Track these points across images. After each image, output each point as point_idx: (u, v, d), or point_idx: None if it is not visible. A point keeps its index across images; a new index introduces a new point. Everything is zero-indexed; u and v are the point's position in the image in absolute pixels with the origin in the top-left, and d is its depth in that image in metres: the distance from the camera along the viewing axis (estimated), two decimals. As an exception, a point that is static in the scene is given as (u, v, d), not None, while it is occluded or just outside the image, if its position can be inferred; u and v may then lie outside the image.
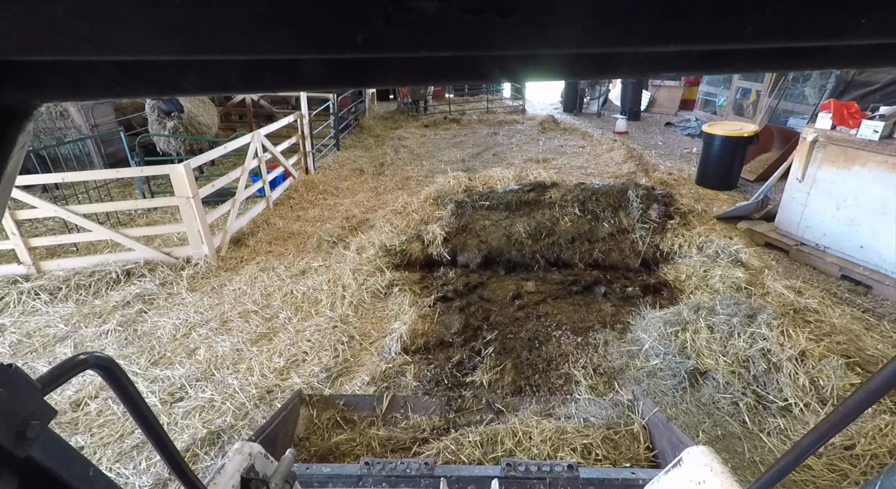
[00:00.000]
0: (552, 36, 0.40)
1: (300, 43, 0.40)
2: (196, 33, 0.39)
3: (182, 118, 7.11)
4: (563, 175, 7.21)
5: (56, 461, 0.67)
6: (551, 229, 5.03)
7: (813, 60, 0.52)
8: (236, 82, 0.55)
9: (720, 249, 4.49)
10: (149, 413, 0.85)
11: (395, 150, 9.30)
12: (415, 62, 0.53)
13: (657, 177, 7.16)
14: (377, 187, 7.38)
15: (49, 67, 0.52)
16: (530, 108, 14.06)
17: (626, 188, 5.21)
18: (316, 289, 4.68)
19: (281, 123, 7.20)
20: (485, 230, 5.12)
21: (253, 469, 1.45)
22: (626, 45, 0.42)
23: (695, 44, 0.42)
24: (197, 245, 5.03)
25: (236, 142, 5.91)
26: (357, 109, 12.08)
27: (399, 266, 4.97)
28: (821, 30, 0.40)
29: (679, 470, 1.54)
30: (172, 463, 0.94)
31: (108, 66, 0.52)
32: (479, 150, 9.09)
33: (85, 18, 0.38)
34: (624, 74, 0.58)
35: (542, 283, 4.69)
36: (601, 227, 4.98)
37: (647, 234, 4.86)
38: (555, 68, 0.53)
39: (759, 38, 0.40)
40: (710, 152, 7.27)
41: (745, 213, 6.05)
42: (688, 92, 13.38)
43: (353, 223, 6.10)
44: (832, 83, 8.20)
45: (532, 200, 5.28)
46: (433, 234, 5.10)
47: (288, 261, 5.26)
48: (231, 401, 3.31)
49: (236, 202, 5.70)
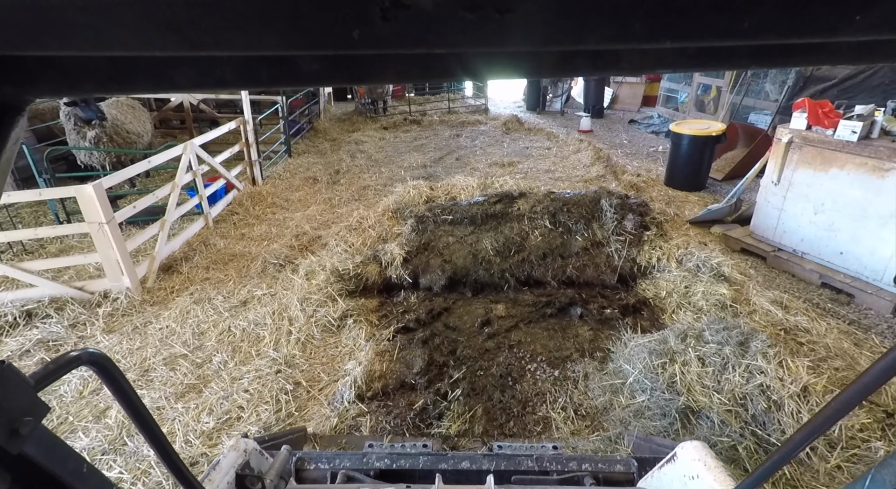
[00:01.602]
0: (549, 33, 0.41)
1: (296, 39, 0.40)
2: (192, 29, 0.39)
3: (105, 126, 6.29)
4: (531, 180, 6.82)
5: (50, 458, 0.67)
6: (521, 244, 4.61)
7: (808, 57, 0.53)
8: (232, 78, 0.54)
9: (701, 263, 4.18)
10: (144, 410, 0.84)
11: (351, 156, 8.69)
12: (411, 59, 0.53)
13: (627, 179, 6.88)
14: (331, 198, 6.79)
15: (42, 62, 0.51)
16: (493, 107, 13.69)
17: (598, 197, 4.84)
18: (258, 324, 4.09)
19: (220, 131, 6.50)
20: (449, 248, 4.64)
21: (248, 465, 1.46)
22: (623, 41, 0.41)
23: (691, 40, 0.41)
24: (116, 276, 4.33)
25: (163, 155, 5.20)
26: (311, 111, 11.36)
27: (354, 292, 4.43)
28: (816, 26, 0.40)
29: (673, 465, 1.52)
30: (167, 459, 0.94)
31: (103, 61, 0.52)
32: (442, 153, 8.59)
33: (79, 13, 0.37)
34: (621, 71, 0.56)
35: (514, 306, 4.27)
36: (574, 241, 4.60)
37: (623, 247, 4.51)
38: (551, 65, 0.53)
39: (755, 35, 0.40)
40: (678, 152, 7.06)
41: (719, 216, 5.83)
42: (649, 88, 13.33)
43: (303, 241, 5.51)
44: (792, 79, 8.16)
45: (499, 213, 4.85)
46: (392, 254, 4.59)
47: (227, 290, 4.63)
48: (144, 480, 2.71)
49: (166, 223, 5.01)
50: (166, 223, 5.01)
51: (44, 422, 0.65)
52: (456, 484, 1.66)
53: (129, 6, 0.37)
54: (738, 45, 0.49)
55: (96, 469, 0.77)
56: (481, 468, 1.80)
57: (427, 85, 15.56)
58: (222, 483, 1.35)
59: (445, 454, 1.88)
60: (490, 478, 1.57)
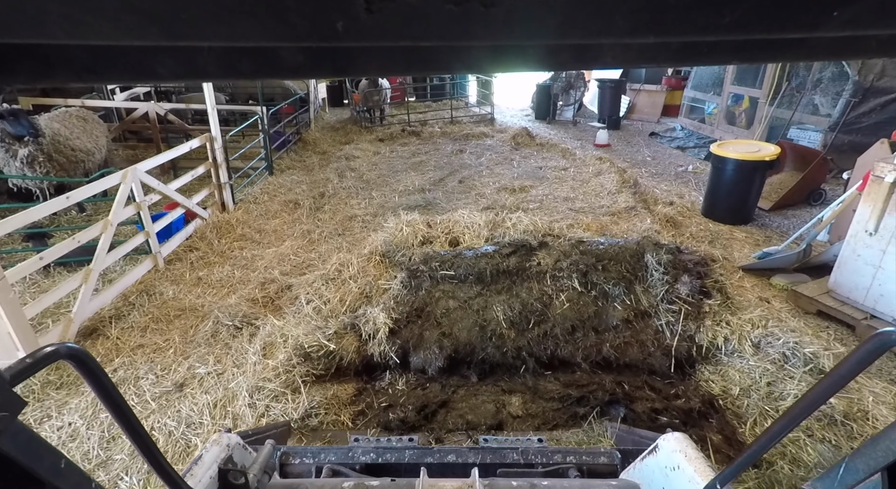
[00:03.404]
0: (533, 26, 0.41)
1: (280, 31, 0.39)
2: (172, 19, 0.37)
3: (41, 143, 5.28)
4: (547, 212, 5.76)
5: (25, 453, 0.66)
6: (542, 313, 3.55)
7: (788, 52, 0.55)
8: (214, 70, 0.53)
9: (788, 350, 3.10)
10: (123, 404, 0.85)
11: (340, 175, 7.63)
12: (396, 52, 0.52)
13: (661, 211, 5.81)
14: (312, 231, 5.73)
15: (17, 50, 0.49)
16: (499, 116, 12.62)
17: (642, 250, 3.78)
18: (191, 425, 3.04)
19: (179, 151, 5.47)
20: (449, 316, 3.59)
21: (231, 460, 1.46)
22: (606, 35, 0.42)
23: (674, 35, 0.42)
24: (9, 352, 3.29)
25: (95, 185, 4.16)
26: (300, 120, 10.32)
27: (324, 376, 3.38)
28: (796, 22, 0.41)
29: (654, 457, 1.55)
30: (148, 454, 0.94)
31: (81, 50, 0.50)
32: (443, 174, 7.52)
33: (53, 2, 0.36)
34: (605, 65, 0.57)
35: (533, 398, 3.21)
36: (612, 310, 3.54)
37: (678, 321, 3.45)
38: (536, 58, 0.54)
39: (736, 30, 0.41)
40: (721, 179, 5.98)
41: (782, 264, 4.76)
42: (670, 96, 12.26)
43: (269, 292, 4.46)
44: (849, 91, 7.08)
45: (514, 269, 3.79)
46: (375, 322, 3.53)
47: (164, 365, 3.59)
48: None
49: (91, 273, 3.96)
50: (92, 273, 3.96)
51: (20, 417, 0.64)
52: (441, 477, 1.58)
53: None
54: (720, 40, 0.50)
55: (75, 464, 0.76)
56: (467, 461, 1.82)
57: (428, 91, 14.53)
58: (205, 477, 1.34)
59: (431, 448, 1.89)
60: (475, 471, 1.50)
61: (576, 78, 12.22)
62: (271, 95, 11.11)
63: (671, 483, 1.44)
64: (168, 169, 7.38)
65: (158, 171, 7.46)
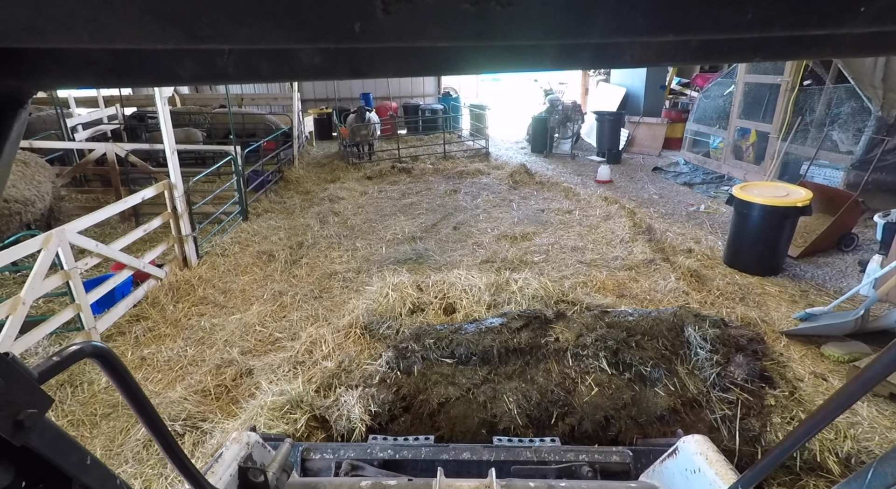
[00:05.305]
0: (551, 25, 0.40)
1: (298, 32, 0.39)
2: (193, 22, 0.38)
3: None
4: (555, 267, 5.04)
5: (53, 449, 0.67)
6: (566, 402, 2.78)
7: (812, 49, 0.52)
8: (234, 72, 0.53)
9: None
10: (147, 402, 0.85)
11: (322, 220, 6.90)
12: (413, 52, 0.52)
13: (683, 263, 5.12)
14: (284, 292, 4.96)
15: (44, 55, 0.51)
16: (494, 149, 12.10)
17: (680, 323, 3.06)
18: None
19: (129, 202, 4.74)
20: (447, 409, 2.81)
21: (251, 458, 1.47)
22: (625, 34, 0.40)
23: (694, 33, 0.41)
24: None
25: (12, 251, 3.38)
26: (282, 158, 9.68)
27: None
28: (821, 18, 0.39)
29: (674, 459, 1.53)
30: (170, 452, 0.95)
31: (104, 54, 0.51)
32: (436, 218, 6.82)
33: (80, 6, 0.37)
34: (624, 64, 0.55)
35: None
36: (653, 396, 2.78)
37: (735, 414, 2.69)
38: (553, 58, 0.52)
39: (758, 27, 0.39)
40: (746, 225, 5.34)
41: (834, 332, 4.05)
42: (671, 129, 11.85)
43: (225, 379, 3.65)
44: (872, 127, 6.58)
45: (527, 346, 3.04)
46: (350, 418, 2.74)
47: (74, 493, 2.74)
48: None
49: (-6, 368, 3.14)
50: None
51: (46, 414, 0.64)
52: (457, 475, 1.57)
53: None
54: (742, 37, 0.48)
55: (100, 461, 0.76)
56: (482, 459, 1.83)
57: (420, 124, 14.04)
58: (225, 475, 1.35)
59: (446, 445, 1.90)
60: (492, 471, 1.49)
61: (573, 110, 11.80)
62: (253, 131, 10.51)
63: (692, 486, 1.40)
64: (130, 215, 6.62)
65: (118, 219, 6.73)
